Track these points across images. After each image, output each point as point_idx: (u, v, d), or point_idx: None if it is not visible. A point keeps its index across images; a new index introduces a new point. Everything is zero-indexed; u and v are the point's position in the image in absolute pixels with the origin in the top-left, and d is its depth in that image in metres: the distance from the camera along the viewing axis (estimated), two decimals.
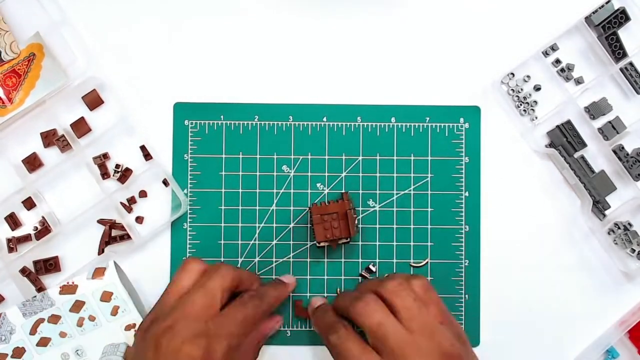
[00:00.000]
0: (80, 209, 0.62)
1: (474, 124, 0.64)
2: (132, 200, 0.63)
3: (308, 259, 0.63)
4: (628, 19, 0.63)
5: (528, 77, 0.64)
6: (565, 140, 0.63)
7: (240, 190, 0.63)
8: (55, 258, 0.62)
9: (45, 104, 0.62)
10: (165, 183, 0.63)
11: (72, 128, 0.63)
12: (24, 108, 0.61)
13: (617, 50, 0.63)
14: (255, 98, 0.64)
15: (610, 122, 0.63)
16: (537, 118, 0.64)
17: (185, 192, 0.63)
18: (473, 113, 0.64)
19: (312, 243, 0.63)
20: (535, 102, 0.64)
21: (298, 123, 0.64)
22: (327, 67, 0.64)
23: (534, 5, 0.64)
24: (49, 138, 0.62)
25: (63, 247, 0.63)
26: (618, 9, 0.63)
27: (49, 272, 0.62)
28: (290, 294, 0.62)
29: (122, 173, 0.62)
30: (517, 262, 0.63)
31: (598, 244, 0.64)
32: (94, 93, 0.63)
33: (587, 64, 0.64)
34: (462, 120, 0.64)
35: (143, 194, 0.63)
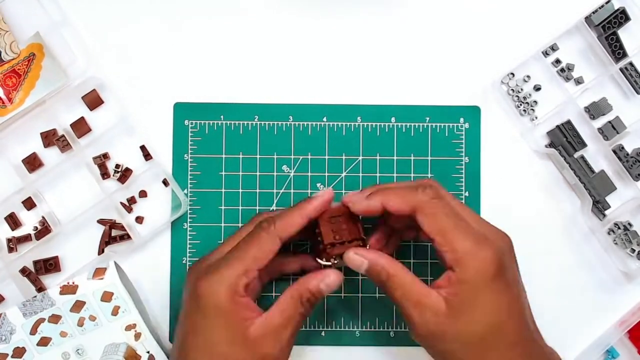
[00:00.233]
0: (80, 209, 0.62)
1: (474, 124, 0.64)
2: (132, 200, 0.63)
3: None
4: (628, 19, 0.63)
5: (528, 77, 0.64)
6: (565, 140, 0.63)
7: (240, 190, 0.63)
8: (55, 258, 0.62)
9: (45, 104, 0.62)
10: (165, 183, 0.63)
11: (72, 128, 0.63)
12: (24, 108, 0.61)
13: (617, 50, 0.63)
14: (255, 98, 0.64)
15: (610, 122, 0.63)
16: (537, 118, 0.64)
17: (185, 192, 0.63)
18: (473, 113, 0.64)
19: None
20: (535, 102, 0.64)
21: (298, 123, 0.64)
22: (327, 67, 0.64)
23: (534, 5, 0.64)
24: (49, 138, 0.62)
25: (63, 247, 0.63)
26: (618, 9, 0.63)
27: (49, 272, 0.62)
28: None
29: (122, 173, 0.62)
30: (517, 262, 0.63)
31: (598, 244, 0.64)
32: (94, 93, 0.63)
33: (587, 64, 0.64)
34: (462, 120, 0.64)
35: (143, 194, 0.63)
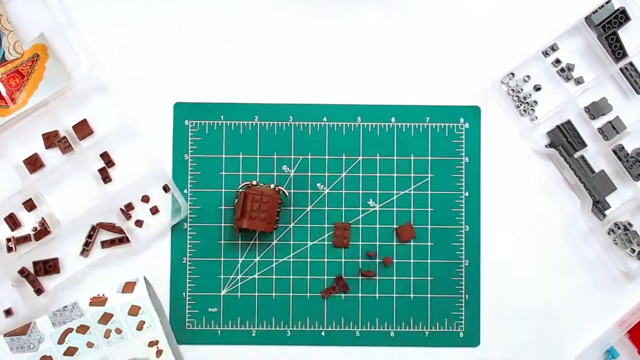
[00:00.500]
0: (80, 212, 0.62)
1: (474, 124, 0.64)
2: (129, 207, 0.63)
3: (308, 259, 0.63)
4: (628, 19, 0.63)
5: (528, 77, 0.64)
6: (565, 140, 0.63)
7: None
8: (55, 260, 0.62)
9: (48, 105, 0.62)
10: (166, 189, 0.63)
11: (74, 130, 0.63)
12: (27, 109, 0.61)
13: (617, 50, 0.63)
14: (255, 98, 0.64)
15: (610, 122, 0.63)
16: (537, 118, 0.64)
17: (185, 192, 0.63)
18: (473, 113, 0.64)
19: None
20: (535, 102, 0.64)
21: (298, 123, 0.64)
22: (327, 67, 0.64)
23: (534, 5, 0.64)
24: (51, 139, 0.62)
25: (63, 249, 0.63)
26: (618, 9, 0.63)
27: (48, 273, 0.62)
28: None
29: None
30: (517, 262, 0.63)
31: (598, 244, 0.64)
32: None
33: (587, 64, 0.64)
34: (462, 120, 0.64)
35: (145, 199, 0.63)
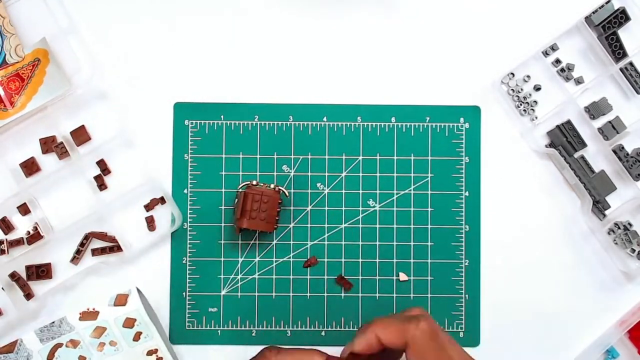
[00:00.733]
0: (74, 218, 0.62)
1: (474, 124, 0.64)
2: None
3: (308, 259, 0.63)
4: (628, 19, 0.63)
5: (528, 77, 0.64)
6: (565, 140, 0.63)
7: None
8: (48, 265, 0.62)
9: (47, 110, 0.62)
10: (162, 201, 0.63)
11: (71, 136, 0.62)
12: (25, 113, 0.61)
13: (617, 50, 0.63)
14: (255, 98, 0.64)
15: (610, 122, 0.63)
16: (537, 118, 0.64)
17: (185, 191, 0.63)
18: (473, 113, 0.64)
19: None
20: (535, 102, 0.64)
21: (298, 123, 0.64)
22: (327, 67, 0.64)
23: (534, 5, 0.64)
24: (48, 144, 0.62)
25: (56, 254, 0.62)
26: (618, 9, 0.63)
27: (40, 278, 0.61)
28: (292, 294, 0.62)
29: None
30: (517, 262, 0.63)
31: (598, 244, 0.64)
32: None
33: (587, 64, 0.64)
34: (462, 120, 0.64)
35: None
